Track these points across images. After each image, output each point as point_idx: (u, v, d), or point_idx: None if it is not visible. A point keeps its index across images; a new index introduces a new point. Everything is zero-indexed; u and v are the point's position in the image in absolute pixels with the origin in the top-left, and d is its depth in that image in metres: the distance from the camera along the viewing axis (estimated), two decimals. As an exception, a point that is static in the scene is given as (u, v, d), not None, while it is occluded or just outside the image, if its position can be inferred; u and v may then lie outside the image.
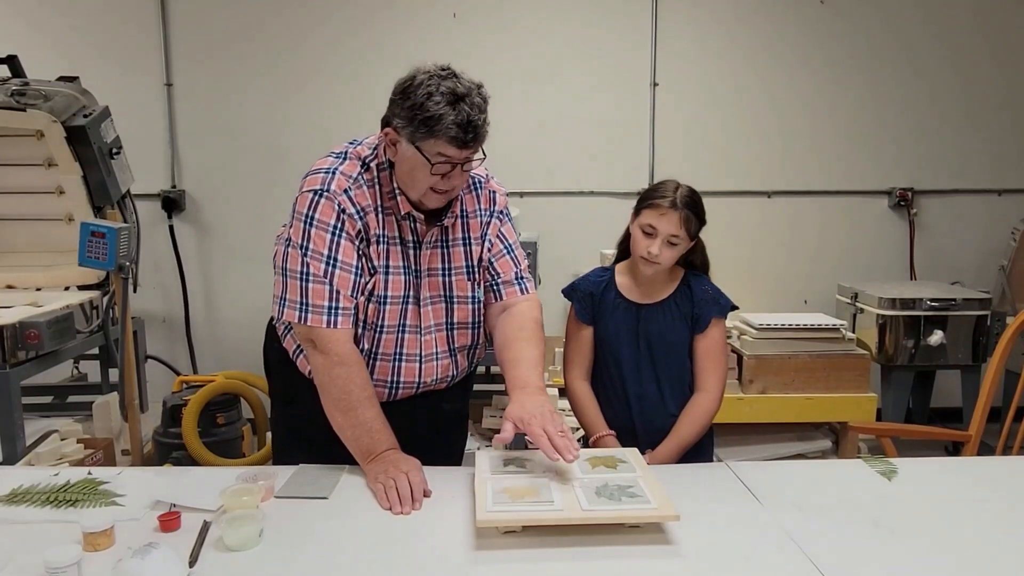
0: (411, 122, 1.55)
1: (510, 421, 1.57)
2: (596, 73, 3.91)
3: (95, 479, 1.60)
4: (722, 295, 1.95)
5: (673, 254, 1.86)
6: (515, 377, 1.68)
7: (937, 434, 2.61)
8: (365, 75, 3.83)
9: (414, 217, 1.69)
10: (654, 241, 1.84)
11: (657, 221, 1.83)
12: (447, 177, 1.61)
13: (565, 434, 1.53)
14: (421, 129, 1.55)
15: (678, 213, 1.82)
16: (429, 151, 1.57)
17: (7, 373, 2.52)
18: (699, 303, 1.91)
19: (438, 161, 1.57)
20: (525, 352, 1.72)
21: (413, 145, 1.57)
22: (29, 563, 1.26)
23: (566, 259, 3.82)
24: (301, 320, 1.64)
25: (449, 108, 1.53)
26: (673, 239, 1.83)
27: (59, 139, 2.95)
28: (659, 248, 1.83)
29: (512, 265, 1.83)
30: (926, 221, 4.07)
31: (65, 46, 3.77)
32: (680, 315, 1.92)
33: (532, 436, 1.54)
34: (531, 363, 1.70)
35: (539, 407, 1.58)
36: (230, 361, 3.77)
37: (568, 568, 1.28)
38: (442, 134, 1.54)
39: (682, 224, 1.83)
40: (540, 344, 1.76)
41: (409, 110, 1.55)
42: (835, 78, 3.96)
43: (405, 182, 1.64)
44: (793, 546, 1.36)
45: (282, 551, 1.34)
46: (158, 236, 3.91)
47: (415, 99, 1.54)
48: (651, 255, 1.84)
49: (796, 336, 3.20)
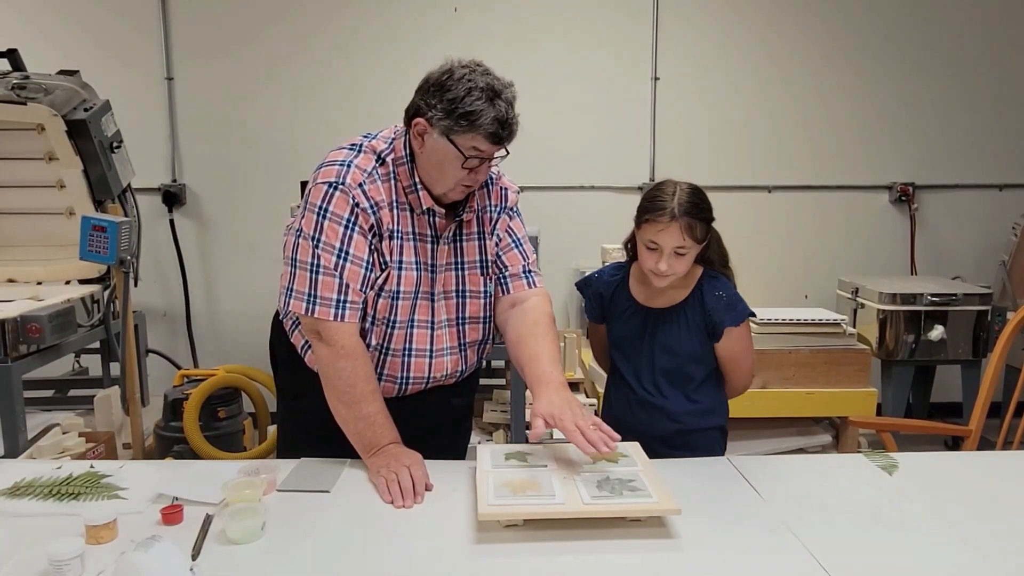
0: (449, 115, 1.56)
1: (540, 417, 1.55)
2: (597, 67, 3.90)
3: (97, 472, 1.60)
4: (738, 301, 1.83)
5: (684, 263, 1.76)
6: (537, 373, 1.66)
7: (937, 429, 2.60)
8: (367, 68, 3.82)
9: (434, 212, 1.69)
10: (660, 256, 1.74)
11: (658, 236, 1.73)
12: (474, 172, 1.62)
13: (599, 426, 1.53)
14: (461, 123, 1.56)
15: (678, 223, 1.71)
16: (464, 145, 1.58)
17: (9, 367, 2.52)
18: (712, 311, 1.81)
19: (471, 155, 1.59)
20: (542, 347, 1.71)
21: (447, 138, 1.58)
22: (32, 556, 1.26)
23: (567, 253, 3.83)
24: (308, 312, 1.63)
25: (488, 104, 1.55)
26: (679, 250, 1.73)
27: (60, 133, 2.95)
28: (666, 263, 1.74)
29: (520, 259, 1.83)
30: (927, 216, 4.08)
31: (65, 40, 3.77)
32: (691, 324, 1.83)
33: (565, 432, 1.52)
34: (550, 358, 1.69)
35: (567, 402, 1.57)
36: (231, 355, 3.78)
37: (569, 562, 1.29)
38: (481, 129, 1.56)
39: (685, 234, 1.72)
40: (555, 338, 1.76)
41: (449, 103, 1.55)
42: (836, 73, 3.95)
43: (432, 175, 1.65)
44: (794, 540, 1.36)
45: (284, 544, 1.34)
46: (159, 230, 3.91)
47: (456, 92, 1.55)
48: (660, 271, 1.75)
49: (797, 331, 3.20)
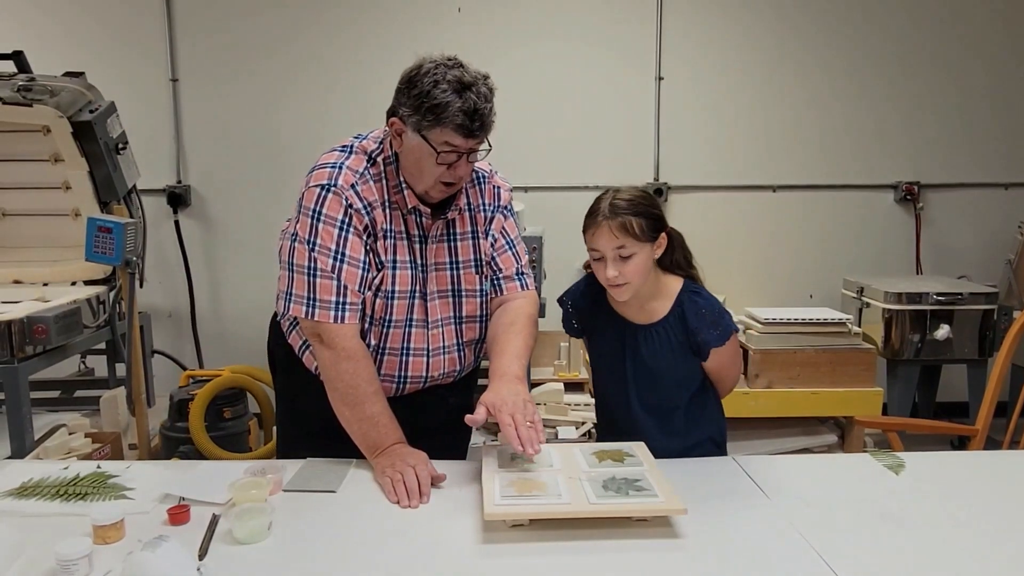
0: (417, 110, 1.56)
1: (483, 406, 1.58)
2: (601, 67, 3.90)
3: (104, 473, 1.61)
4: (722, 316, 1.73)
5: (635, 267, 1.66)
6: (497, 365, 1.69)
7: (943, 428, 2.60)
8: (371, 70, 3.83)
9: (420, 211, 1.69)
10: (605, 263, 1.67)
11: (595, 242, 1.67)
12: (453, 168, 1.61)
13: (534, 425, 1.54)
14: (428, 117, 1.55)
15: (608, 223, 1.64)
16: (435, 140, 1.57)
17: (15, 368, 2.53)
18: (695, 331, 1.72)
19: (444, 151, 1.58)
20: (512, 343, 1.72)
21: (419, 134, 1.58)
22: (40, 556, 1.27)
23: (571, 254, 3.80)
24: (308, 315, 1.64)
25: (455, 96, 1.53)
26: (621, 251, 1.64)
27: (65, 134, 2.96)
28: (614, 268, 1.65)
29: (514, 261, 1.84)
30: (932, 215, 4.06)
31: (71, 41, 3.78)
32: (674, 341, 1.75)
33: (500, 423, 1.55)
34: (514, 353, 1.71)
35: (513, 395, 1.59)
36: (236, 356, 3.78)
37: (575, 561, 1.29)
38: (448, 122, 1.54)
39: (618, 233, 1.63)
40: (529, 337, 1.77)
41: (415, 98, 1.55)
42: (841, 71, 3.94)
43: (412, 173, 1.65)
44: (800, 540, 1.36)
45: (291, 544, 1.34)
46: (164, 231, 3.92)
47: (421, 87, 1.55)
48: (611, 279, 1.67)
49: (802, 330, 3.19)
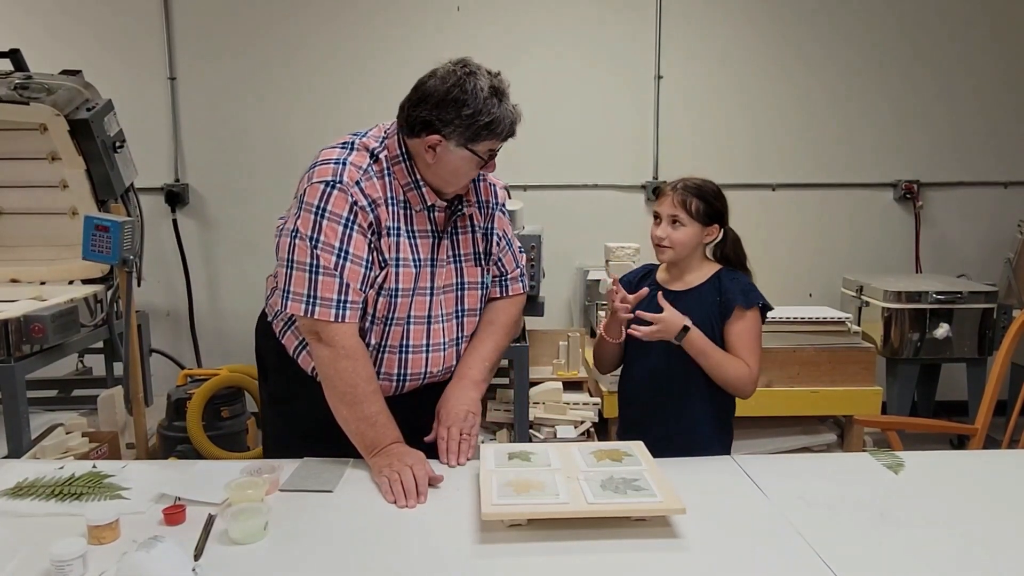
0: (470, 128, 1.59)
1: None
2: (600, 66, 3.89)
3: (100, 472, 1.60)
4: (753, 289, 1.92)
5: (682, 236, 1.89)
6: (461, 365, 1.80)
7: (943, 427, 2.60)
8: (369, 68, 3.83)
9: (436, 207, 1.70)
10: (660, 225, 1.92)
11: (658, 206, 1.95)
12: (486, 166, 1.69)
13: (466, 439, 1.68)
14: (483, 133, 1.60)
15: (671, 195, 1.90)
16: (482, 149, 1.63)
17: (12, 367, 2.52)
18: (726, 291, 1.90)
19: (489, 157, 1.65)
20: (484, 344, 1.82)
21: (465, 147, 1.61)
22: (34, 556, 1.26)
23: (570, 252, 3.81)
24: (307, 313, 1.62)
25: (500, 107, 1.60)
26: (674, 218, 1.89)
27: (62, 133, 2.95)
28: (664, 231, 1.90)
29: (514, 261, 1.90)
30: (932, 214, 4.06)
31: (68, 40, 3.77)
32: (707, 303, 1.90)
33: (438, 434, 1.70)
34: (481, 355, 1.81)
35: (461, 404, 1.72)
36: (234, 355, 3.78)
37: (573, 561, 1.28)
38: (500, 134, 1.62)
39: (678, 204, 1.88)
40: (503, 339, 1.86)
41: (469, 118, 1.58)
42: (840, 70, 3.94)
43: (446, 180, 1.67)
44: (799, 539, 1.35)
45: (287, 544, 1.34)
46: (162, 230, 3.91)
47: (474, 106, 1.57)
48: (657, 238, 1.92)
49: (801, 329, 3.19)
